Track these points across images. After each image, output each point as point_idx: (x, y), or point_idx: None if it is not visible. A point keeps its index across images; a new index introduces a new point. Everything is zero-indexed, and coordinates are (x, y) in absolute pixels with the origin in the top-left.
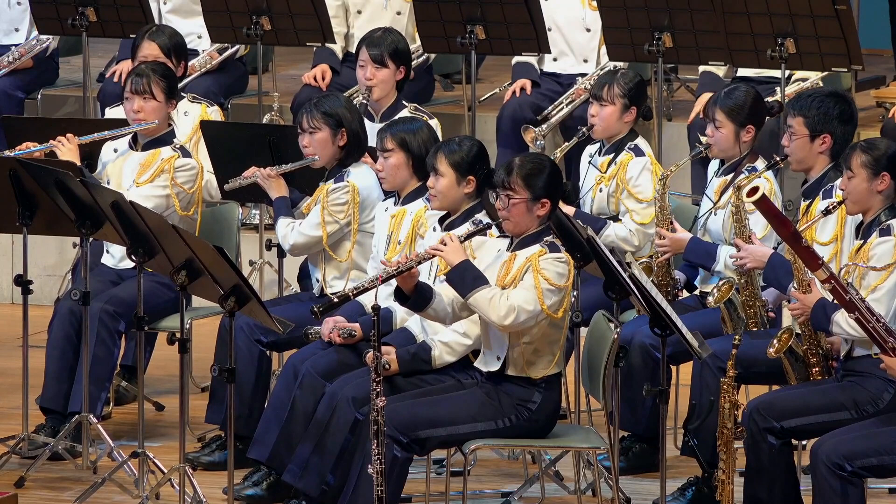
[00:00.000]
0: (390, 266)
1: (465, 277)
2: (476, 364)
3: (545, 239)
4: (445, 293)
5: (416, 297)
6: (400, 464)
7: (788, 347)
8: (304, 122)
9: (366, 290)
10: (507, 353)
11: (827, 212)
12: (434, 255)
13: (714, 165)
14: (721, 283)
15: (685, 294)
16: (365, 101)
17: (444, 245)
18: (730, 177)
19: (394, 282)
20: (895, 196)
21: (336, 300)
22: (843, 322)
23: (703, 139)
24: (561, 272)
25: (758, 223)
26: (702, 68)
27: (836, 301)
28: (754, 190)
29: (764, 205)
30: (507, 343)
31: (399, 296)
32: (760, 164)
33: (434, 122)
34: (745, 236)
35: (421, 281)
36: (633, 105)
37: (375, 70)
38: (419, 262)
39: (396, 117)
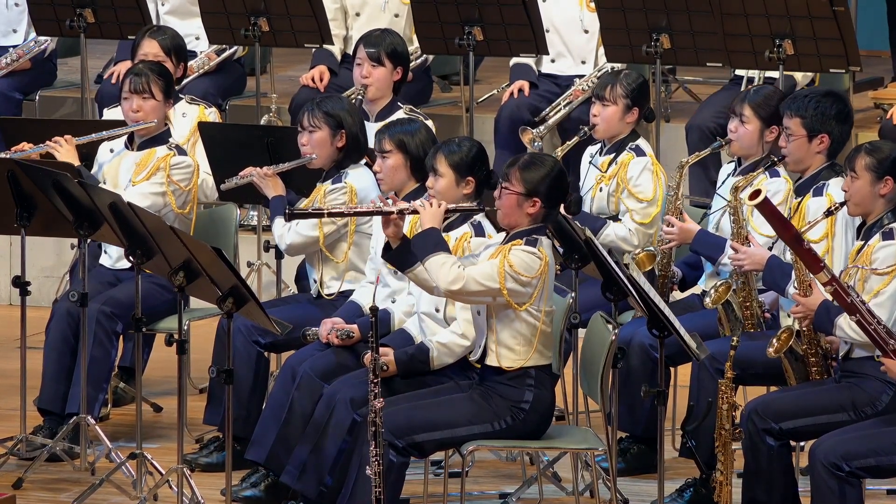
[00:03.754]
0: (371, 203)
1: (428, 241)
2: (469, 358)
3: (533, 236)
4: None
5: (400, 251)
6: (396, 468)
7: (788, 347)
8: (305, 120)
9: (342, 214)
10: (485, 342)
11: (829, 213)
12: (414, 211)
13: (728, 169)
14: (718, 284)
15: (678, 291)
16: (360, 98)
17: (428, 206)
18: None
19: (392, 280)
20: None
21: (311, 211)
22: (846, 326)
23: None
24: (529, 263)
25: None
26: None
27: (836, 303)
28: (756, 193)
29: (766, 207)
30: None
31: (385, 248)
32: (781, 169)
33: (429, 123)
34: (743, 237)
35: (409, 238)
36: (635, 106)
37: (372, 68)
38: (400, 212)
39: (391, 118)
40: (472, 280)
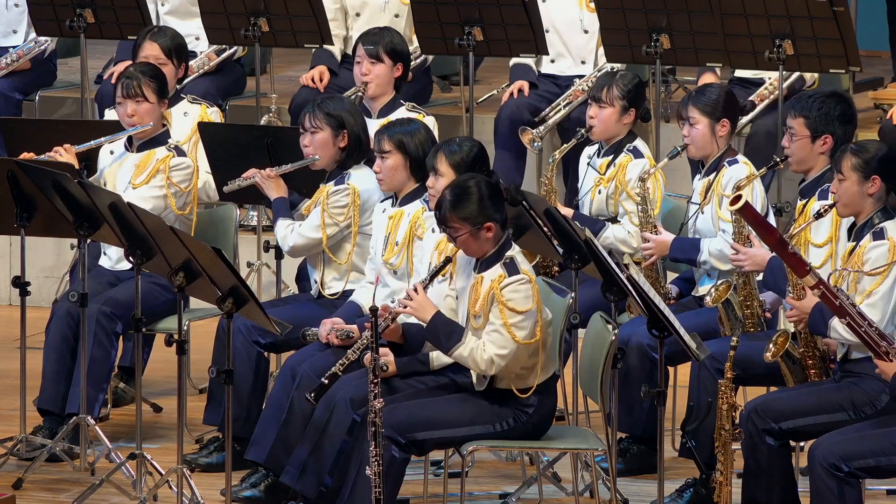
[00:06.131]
0: (368, 334)
1: (440, 335)
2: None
3: (505, 257)
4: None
5: (408, 345)
6: (397, 464)
7: (785, 351)
8: (307, 121)
9: (351, 362)
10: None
11: (818, 215)
12: (405, 311)
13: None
14: (719, 283)
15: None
16: (359, 96)
17: (412, 299)
18: (712, 176)
19: (391, 280)
20: (887, 198)
21: (326, 381)
22: (839, 328)
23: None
24: (525, 295)
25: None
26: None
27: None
28: (737, 198)
29: (748, 213)
30: None
31: (393, 348)
32: (741, 157)
33: (430, 120)
34: (744, 237)
35: (409, 324)
36: (632, 107)
37: (371, 65)
38: (393, 319)
39: (393, 115)
40: (496, 357)
